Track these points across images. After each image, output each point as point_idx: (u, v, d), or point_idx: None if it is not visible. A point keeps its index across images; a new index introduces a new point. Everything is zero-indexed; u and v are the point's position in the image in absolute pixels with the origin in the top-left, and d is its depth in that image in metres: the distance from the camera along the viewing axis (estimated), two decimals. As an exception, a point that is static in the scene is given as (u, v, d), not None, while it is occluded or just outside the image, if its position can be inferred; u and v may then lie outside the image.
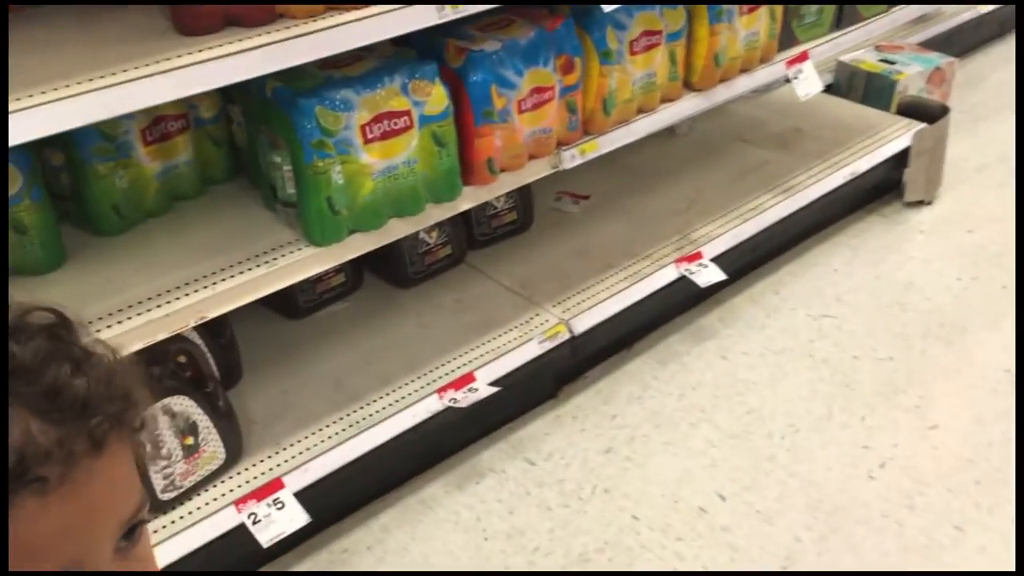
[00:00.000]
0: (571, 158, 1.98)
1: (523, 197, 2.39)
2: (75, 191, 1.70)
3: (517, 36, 1.81)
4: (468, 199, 1.84)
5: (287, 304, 2.14)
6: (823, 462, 2.05)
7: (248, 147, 1.82)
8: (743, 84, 2.27)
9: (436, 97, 1.69)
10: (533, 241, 2.44)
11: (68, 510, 0.58)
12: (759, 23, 2.21)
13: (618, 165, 2.61)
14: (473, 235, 2.35)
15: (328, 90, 1.59)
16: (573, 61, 1.89)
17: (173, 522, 1.68)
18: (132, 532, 0.65)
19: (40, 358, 0.59)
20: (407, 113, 1.66)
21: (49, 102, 1.29)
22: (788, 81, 2.40)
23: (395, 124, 1.65)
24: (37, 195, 1.57)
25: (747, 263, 2.57)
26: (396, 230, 1.75)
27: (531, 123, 1.86)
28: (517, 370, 2.07)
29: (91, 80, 1.32)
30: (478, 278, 2.31)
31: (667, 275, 2.31)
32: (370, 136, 1.63)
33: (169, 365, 1.67)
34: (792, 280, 2.63)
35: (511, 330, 2.13)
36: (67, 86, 1.31)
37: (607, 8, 1.82)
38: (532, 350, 2.09)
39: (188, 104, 1.79)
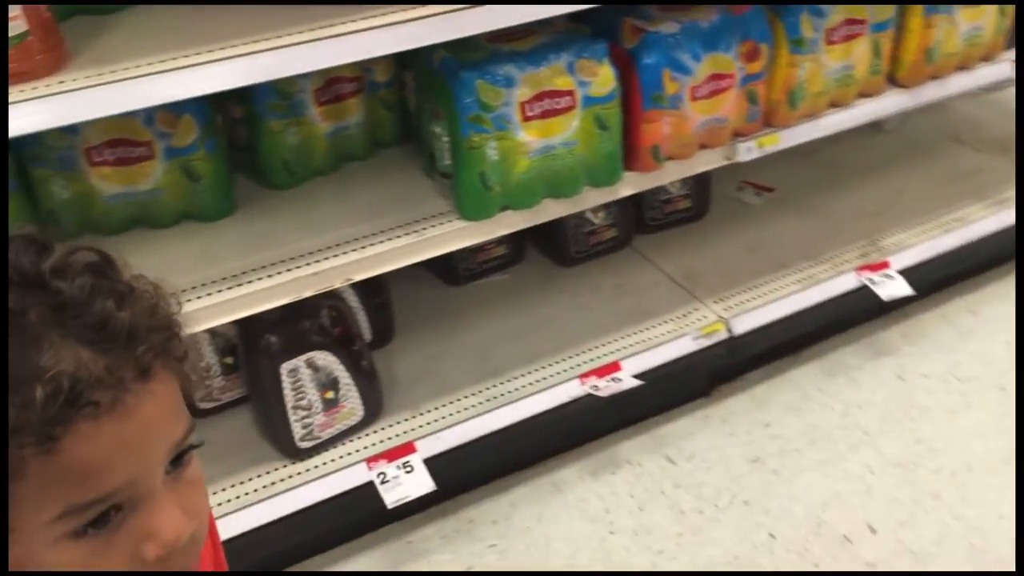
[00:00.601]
0: (747, 151, 1.86)
1: (699, 184, 2.29)
2: (250, 144, 1.78)
3: (699, 19, 1.71)
4: (629, 185, 1.77)
5: (447, 270, 2.17)
6: (995, 509, 1.85)
7: (417, 114, 1.84)
8: (958, 83, 2.06)
9: (603, 78, 1.63)
10: (706, 231, 2.33)
11: (120, 432, 0.62)
12: (985, 17, 1.98)
13: (812, 158, 2.45)
14: (643, 219, 2.28)
15: (491, 64, 1.57)
16: (759, 48, 1.77)
17: (308, 470, 1.75)
18: (181, 457, 0.68)
19: (87, 293, 0.63)
20: (570, 93, 1.61)
21: (225, 59, 1.34)
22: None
23: (557, 104, 1.61)
24: (211, 146, 1.65)
25: (942, 278, 2.35)
26: (549, 210, 1.72)
27: (705, 111, 1.76)
28: (666, 364, 2.00)
29: (263, 40, 1.36)
30: (641, 264, 2.24)
31: (846, 283, 2.15)
32: (529, 114, 1.60)
33: (318, 320, 1.73)
34: (995, 301, 2.38)
35: (666, 322, 2.05)
36: (244, 44, 1.35)
37: (803, -7, 1.69)
38: (685, 346, 2.01)
39: (363, 68, 1.83)
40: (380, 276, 1.87)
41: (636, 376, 1.94)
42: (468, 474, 1.94)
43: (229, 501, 1.69)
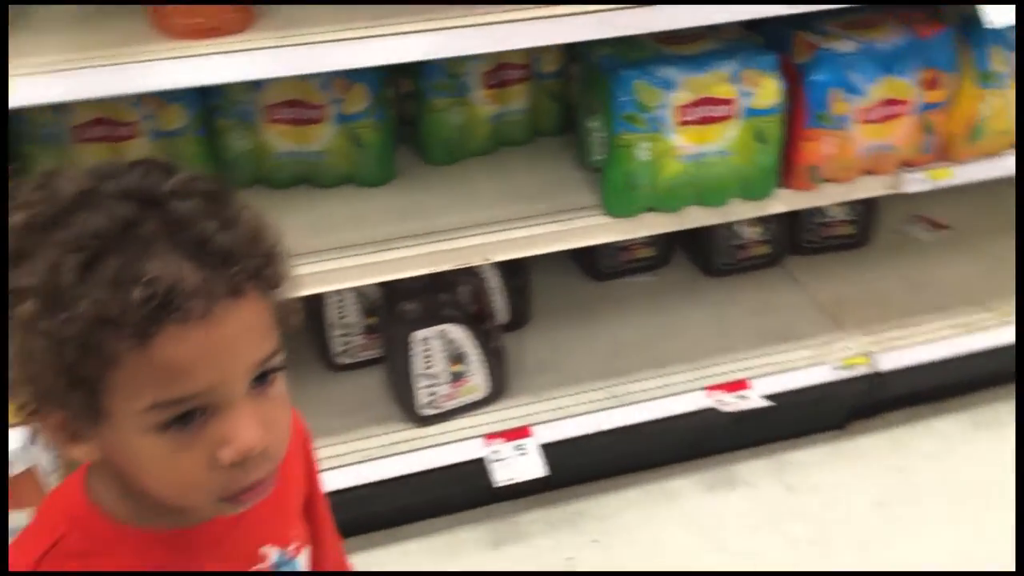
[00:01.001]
0: (915, 182, 1.78)
1: (866, 210, 2.20)
2: (414, 119, 1.85)
3: (878, 39, 1.65)
4: (780, 202, 1.73)
5: (591, 265, 2.19)
6: None
7: (578, 106, 1.86)
8: None
9: (767, 90, 1.60)
10: (865, 260, 2.24)
11: (206, 341, 0.68)
12: None
13: (997, 197, 2.30)
14: (798, 240, 2.22)
15: (653, 65, 1.57)
16: (942, 77, 1.69)
17: (427, 437, 1.81)
18: (265, 377, 0.74)
19: (196, 214, 0.70)
20: (730, 102, 1.60)
21: (403, 33, 1.41)
22: None
23: (715, 112, 1.59)
24: (379, 116, 1.73)
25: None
26: (694, 217, 1.70)
27: (873, 136, 1.69)
28: (800, 390, 1.94)
29: (440, 19, 1.41)
30: (789, 285, 2.18)
31: (1008, 335, 2.02)
32: (685, 119, 1.59)
33: (456, 295, 1.79)
34: None
35: (806, 348, 1.99)
36: (422, 20, 1.41)
37: (997, 23, 1.59)
38: (823, 375, 1.95)
39: (532, 56, 1.87)
40: (522, 261, 1.92)
41: (765, 397, 1.90)
42: (580, 467, 1.96)
43: (351, 453, 1.78)
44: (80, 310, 0.66)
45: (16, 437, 1.48)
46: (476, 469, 1.78)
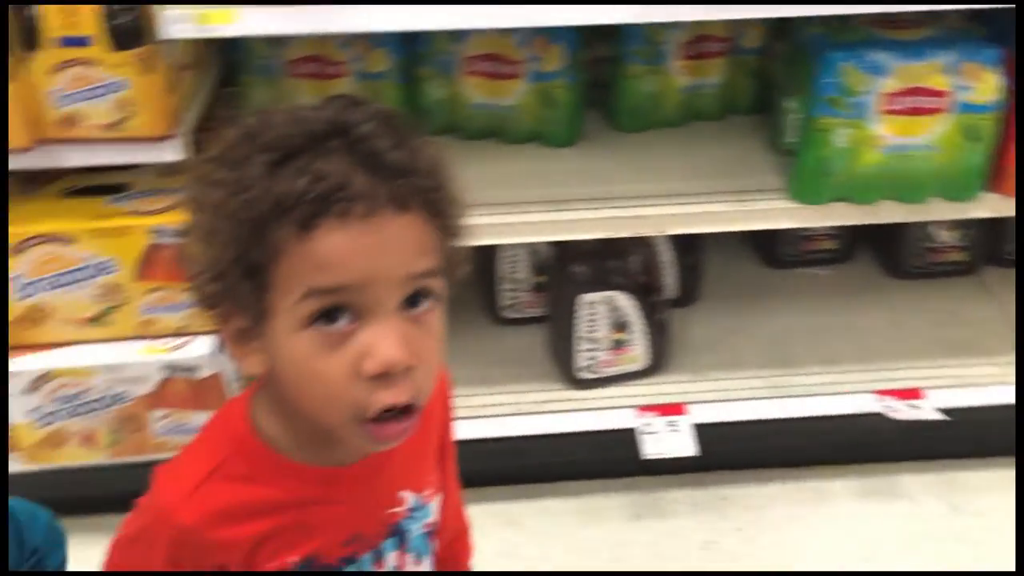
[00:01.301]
0: None
1: (1080, 228, 2.03)
2: (607, 83, 1.85)
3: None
4: (984, 207, 1.62)
5: (769, 251, 2.13)
6: None
7: (776, 85, 1.80)
8: None
9: (986, 86, 1.50)
10: (1074, 281, 2.07)
11: (363, 239, 0.72)
12: None
13: None
14: (999, 250, 2.07)
15: (864, 49, 1.50)
16: None
17: (581, 400, 1.83)
18: (417, 300, 0.76)
19: (374, 133, 0.74)
20: (944, 94, 1.50)
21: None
22: None
23: (925, 103, 1.51)
24: (572, 77, 1.74)
25: None
26: (887, 212, 1.62)
27: (1102, 145, 1.56)
28: (979, 408, 1.83)
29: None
30: (982, 298, 2.05)
31: None
32: (892, 108, 1.51)
33: (627, 264, 1.79)
34: None
35: (991, 365, 1.87)
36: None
37: None
38: (1005, 395, 1.82)
39: (735, 30, 1.82)
40: (697, 237, 1.89)
41: (940, 410, 1.80)
42: (732, 453, 1.92)
43: (504, 405, 1.82)
44: (258, 194, 0.72)
45: (207, 343, 1.60)
46: (625, 439, 1.78)
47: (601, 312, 1.77)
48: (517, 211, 1.65)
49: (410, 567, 0.95)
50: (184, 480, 0.83)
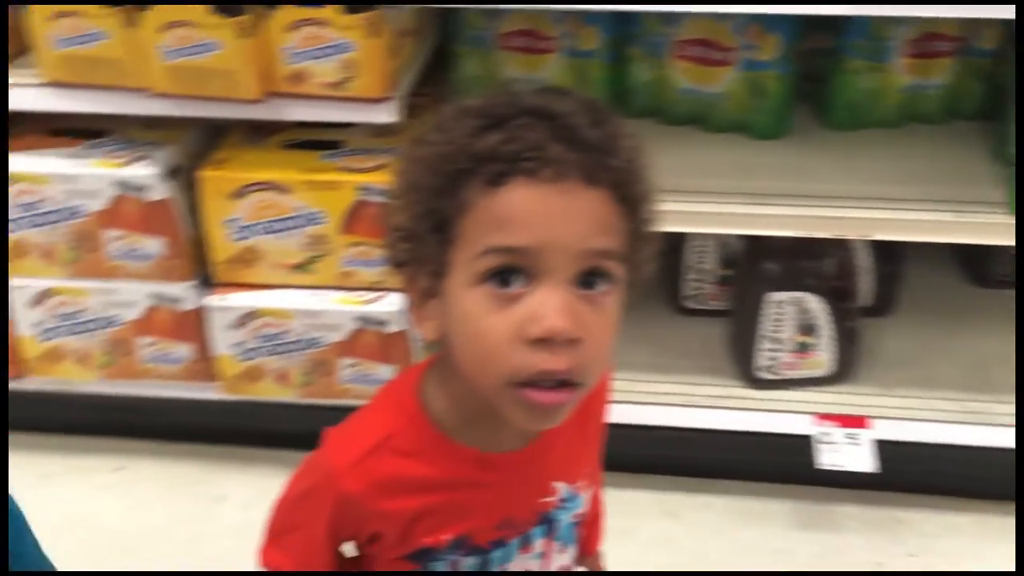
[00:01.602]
0: None
1: None
2: (821, 77, 1.78)
3: None
4: None
5: (976, 267, 2.00)
6: None
7: (1008, 91, 1.68)
8: None
9: None
10: None
11: (545, 202, 0.73)
12: None
13: None
14: None
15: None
16: None
17: (756, 399, 1.79)
18: (593, 280, 0.76)
19: (570, 110, 0.76)
20: None
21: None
22: None
23: None
24: (785, 68, 1.69)
25: None
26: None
27: None
28: None
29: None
30: None
31: None
32: None
33: (821, 266, 1.72)
34: None
35: None
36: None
37: None
38: None
39: (968, 30, 1.71)
40: (900, 246, 1.81)
41: None
42: (913, 474, 1.83)
43: (676, 395, 1.80)
44: (457, 149, 0.75)
45: (397, 300, 1.67)
46: (800, 445, 1.73)
47: (789, 312, 1.72)
48: (712, 201, 1.62)
49: (555, 555, 0.96)
50: (352, 448, 0.87)
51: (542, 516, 0.93)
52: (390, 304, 1.67)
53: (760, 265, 1.72)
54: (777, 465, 1.86)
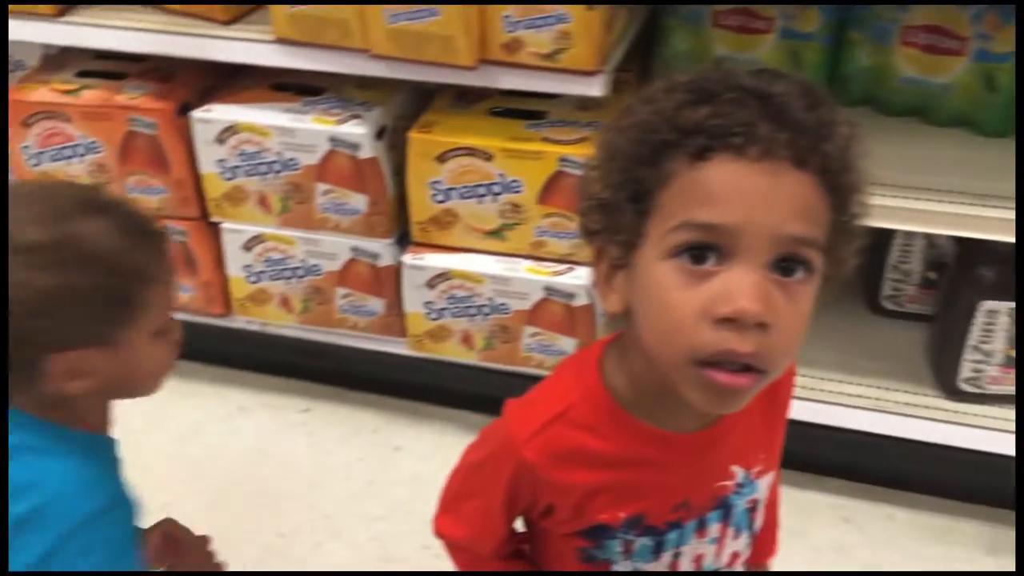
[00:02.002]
0: None
1: None
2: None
3: None
4: None
5: None
6: None
7: None
8: None
9: None
10: None
11: (750, 181, 0.71)
12: None
13: None
14: None
15: None
16: None
17: (956, 412, 1.69)
18: (791, 267, 0.73)
19: (784, 91, 0.74)
20: None
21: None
22: None
23: None
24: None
25: None
26: None
27: None
28: None
29: None
30: None
31: None
32: None
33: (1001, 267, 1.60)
34: None
35: None
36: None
37: None
38: None
39: None
40: None
41: None
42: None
43: (864, 398, 1.72)
44: (663, 120, 0.74)
45: (586, 274, 1.67)
46: (998, 465, 1.63)
47: (1001, 324, 1.61)
48: (924, 198, 1.53)
49: (729, 540, 0.94)
50: (532, 418, 0.88)
51: (719, 500, 0.91)
52: (579, 277, 1.67)
53: (974, 271, 1.62)
54: (971, 483, 1.75)
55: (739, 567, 0.98)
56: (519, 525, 0.99)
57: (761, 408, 0.89)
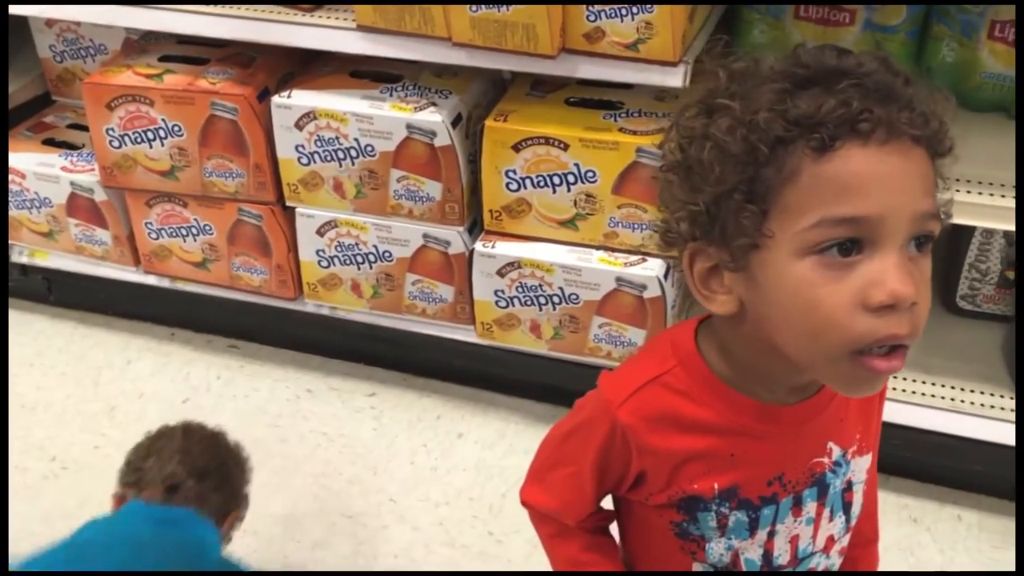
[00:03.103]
0: None
1: None
2: None
3: None
4: None
5: None
6: None
7: None
8: None
9: None
10: None
11: (883, 166, 0.72)
12: None
13: None
14: None
15: None
16: None
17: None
18: (923, 243, 0.75)
19: (880, 70, 0.75)
20: None
21: None
22: None
23: None
24: (913, 34, 1.57)
25: None
26: None
27: None
28: None
29: None
30: None
31: None
32: None
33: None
34: None
35: None
36: None
37: None
38: None
39: None
40: None
41: None
42: None
43: (941, 399, 1.70)
44: (771, 116, 0.73)
45: (658, 266, 1.67)
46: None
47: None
48: (1007, 194, 1.51)
49: (825, 523, 0.93)
50: (628, 382, 0.88)
51: (815, 477, 0.90)
52: (650, 268, 1.67)
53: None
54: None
55: (835, 556, 0.97)
56: (607, 504, 0.99)
57: None
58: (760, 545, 0.91)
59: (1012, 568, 1.66)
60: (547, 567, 1.03)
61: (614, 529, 1.02)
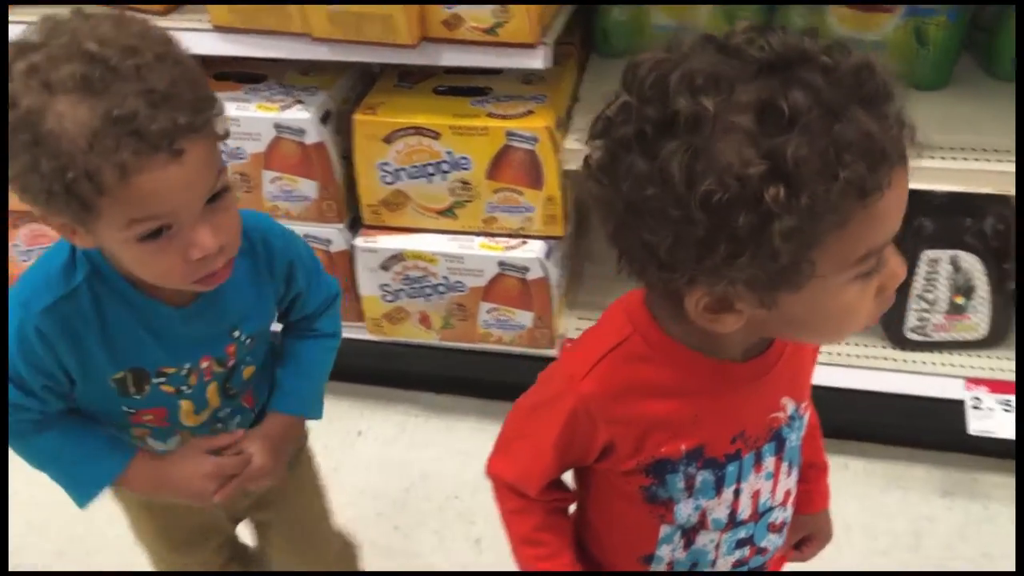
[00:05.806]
0: None
1: None
2: (989, 27, 1.69)
3: None
4: None
5: None
6: None
7: None
8: None
9: None
10: None
11: (901, 196, 0.79)
12: None
13: None
14: None
15: None
16: None
17: (904, 361, 1.74)
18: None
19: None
20: None
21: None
22: None
23: None
24: (953, 16, 1.61)
25: None
26: None
27: None
28: None
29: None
30: None
31: None
32: None
33: (980, 224, 1.65)
34: None
35: None
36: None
37: None
38: None
39: None
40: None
41: None
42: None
43: (820, 352, 1.76)
44: (814, 169, 0.68)
45: (539, 247, 1.69)
46: (948, 410, 1.68)
47: (943, 272, 1.65)
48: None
49: (783, 476, 0.96)
50: (589, 354, 0.88)
51: (773, 432, 0.92)
52: (531, 250, 1.69)
53: (914, 220, 1.66)
54: (923, 429, 1.81)
55: (790, 508, 1.00)
56: (568, 480, 1.00)
57: (793, 343, 0.90)
58: (727, 505, 0.93)
59: (899, 510, 1.74)
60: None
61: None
